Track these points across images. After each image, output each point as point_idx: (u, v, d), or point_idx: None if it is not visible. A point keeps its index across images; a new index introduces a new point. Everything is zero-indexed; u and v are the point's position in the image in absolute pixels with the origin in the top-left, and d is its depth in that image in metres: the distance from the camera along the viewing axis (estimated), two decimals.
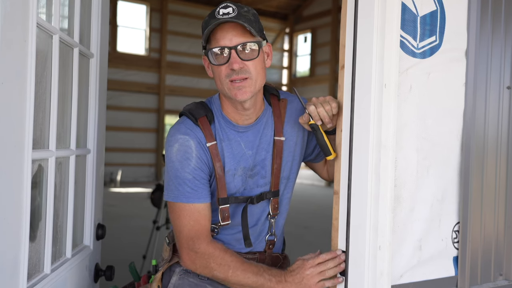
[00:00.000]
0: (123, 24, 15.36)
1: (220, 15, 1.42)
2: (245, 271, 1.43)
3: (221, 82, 1.45)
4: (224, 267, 1.44)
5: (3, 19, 1.10)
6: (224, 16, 1.41)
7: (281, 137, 1.58)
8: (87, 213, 1.83)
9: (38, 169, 1.41)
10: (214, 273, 1.45)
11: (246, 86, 1.43)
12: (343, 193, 1.37)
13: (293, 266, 1.45)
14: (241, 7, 1.45)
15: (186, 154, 1.47)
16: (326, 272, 1.40)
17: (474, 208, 1.47)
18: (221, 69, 1.44)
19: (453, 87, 1.44)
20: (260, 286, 1.43)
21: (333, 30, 16.26)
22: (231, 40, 1.42)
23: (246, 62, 1.42)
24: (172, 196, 1.48)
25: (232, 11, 1.42)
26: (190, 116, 1.52)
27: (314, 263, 1.42)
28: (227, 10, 1.42)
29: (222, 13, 1.42)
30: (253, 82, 1.45)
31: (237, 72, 1.42)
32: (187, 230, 1.47)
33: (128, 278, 1.88)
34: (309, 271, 1.41)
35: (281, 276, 1.44)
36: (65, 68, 1.59)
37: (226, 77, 1.43)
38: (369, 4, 1.30)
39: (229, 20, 1.40)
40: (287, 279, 1.43)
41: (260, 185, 1.57)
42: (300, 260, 1.46)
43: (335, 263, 1.39)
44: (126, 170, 15.09)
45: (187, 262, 1.48)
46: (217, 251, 1.45)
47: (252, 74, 1.44)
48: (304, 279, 1.41)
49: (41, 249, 1.44)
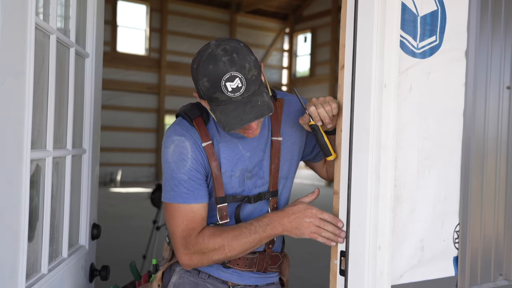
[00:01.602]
0: (123, 24, 15.37)
1: (230, 92, 1.32)
2: (238, 240, 1.44)
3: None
4: (219, 249, 1.44)
5: (2, 20, 1.09)
6: (235, 94, 1.32)
7: (278, 137, 1.58)
8: (83, 213, 1.83)
9: (35, 169, 1.41)
10: (214, 258, 1.46)
11: (257, 128, 1.45)
12: (343, 193, 1.37)
13: (294, 209, 1.45)
14: (243, 69, 1.33)
15: (181, 155, 1.47)
16: (323, 232, 1.40)
17: (474, 208, 1.47)
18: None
19: (453, 87, 1.44)
20: (259, 241, 1.45)
21: (333, 30, 16.27)
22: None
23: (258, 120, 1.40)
24: (168, 197, 1.49)
25: (241, 82, 1.32)
26: (185, 117, 1.52)
27: (317, 215, 1.42)
28: (235, 83, 1.32)
29: (231, 88, 1.32)
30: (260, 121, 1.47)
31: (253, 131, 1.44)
32: (181, 230, 1.47)
33: (128, 278, 1.88)
34: (309, 220, 1.42)
35: (275, 221, 1.44)
36: (62, 68, 1.58)
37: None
38: (369, 4, 1.30)
39: (251, 120, 1.34)
40: (283, 221, 1.44)
41: (258, 185, 1.57)
42: (302, 204, 1.46)
43: (334, 230, 1.39)
44: (126, 170, 15.11)
45: (185, 262, 1.48)
46: (206, 239, 1.45)
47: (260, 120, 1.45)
48: (301, 224, 1.42)
49: (38, 249, 1.44)
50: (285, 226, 1.44)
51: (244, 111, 1.33)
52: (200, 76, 1.35)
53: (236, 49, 1.35)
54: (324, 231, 1.40)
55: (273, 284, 1.63)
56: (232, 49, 1.35)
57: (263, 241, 1.46)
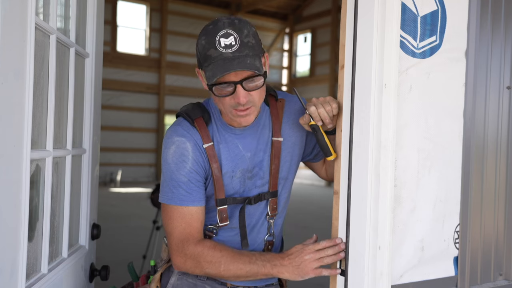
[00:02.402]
0: (123, 24, 15.37)
1: (222, 48, 1.34)
2: (236, 263, 1.43)
3: (224, 108, 1.43)
4: (215, 264, 1.44)
5: (2, 20, 1.09)
6: (227, 50, 1.34)
7: (279, 137, 1.58)
8: (83, 213, 1.83)
9: (35, 169, 1.41)
10: (206, 271, 1.45)
11: (250, 113, 1.43)
12: (343, 193, 1.37)
13: (291, 250, 1.45)
14: (241, 32, 1.36)
15: (182, 157, 1.47)
16: (325, 259, 1.39)
17: (474, 208, 1.47)
18: (225, 99, 1.40)
19: (453, 87, 1.44)
20: (255, 273, 1.43)
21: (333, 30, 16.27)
22: (236, 75, 1.36)
23: (251, 93, 1.39)
24: (166, 198, 1.48)
25: (235, 41, 1.34)
26: (186, 117, 1.51)
27: (314, 249, 1.41)
28: (229, 40, 1.34)
29: (224, 44, 1.34)
30: (257, 108, 1.45)
31: (243, 104, 1.39)
32: (178, 233, 1.46)
33: (128, 278, 1.88)
34: (308, 256, 1.41)
35: (276, 260, 1.43)
36: (62, 68, 1.58)
37: (230, 106, 1.41)
38: (369, 4, 1.29)
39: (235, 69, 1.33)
40: (283, 262, 1.42)
41: (258, 185, 1.57)
42: (299, 245, 1.45)
43: (334, 251, 1.38)
44: (126, 170, 15.11)
45: (178, 264, 1.48)
46: (205, 250, 1.45)
47: (256, 102, 1.42)
48: (302, 263, 1.41)
49: (38, 249, 1.44)
50: (286, 267, 1.42)
51: (232, 64, 1.34)
52: (200, 36, 1.40)
53: (239, 19, 1.40)
54: (325, 258, 1.39)
55: (272, 285, 1.63)
56: (236, 18, 1.40)
57: (259, 276, 1.44)
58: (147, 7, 15.82)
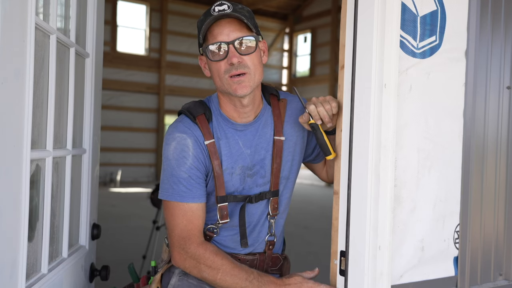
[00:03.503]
0: (123, 24, 15.36)
1: (216, 12, 1.44)
2: (234, 276, 1.43)
3: (220, 78, 1.46)
4: (214, 270, 1.44)
5: (2, 20, 1.09)
6: (220, 13, 1.43)
7: (281, 136, 1.58)
8: (83, 213, 1.83)
9: (35, 169, 1.41)
10: (203, 274, 1.45)
11: (245, 80, 1.45)
12: (343, 193, 1.37)
13: (290, 280, 1.44)
14: (235, 5, 1.47)
15: (183, 153, 1.47)
16: None
17: (474, 208, 1.47)
18: (220, 65, 1.45)
19: (453, 87, 1.44)
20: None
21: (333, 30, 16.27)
22: (228, 35, 1.44)
23: (244, 57, 1.44)
24: (167, 194, 1.49)
25: (228, 7, 1.44)
26: (188, 114, 1.52)
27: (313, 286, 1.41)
28: (223, 7, 1.44)
29: (218, 10, 1.44)
30: (252, 76, 1.46)
31: (236, 67, 1.43)
32: (179, 230, 1.47)
33: (128, 279, 1.88)
34: None
35: (273, 285, 1.42)
36: (62, 68, 1.58)
37: (225, 72, 1.44)
38: (369, 4, 1.30)
39: (225, 15, 1.43)
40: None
41: (259, 184, 1.57)
42: (299, 276, 1.45)
43: None
44: (126, 170, 15.10)
45: (178, 261, 1.48)
46: (207, 253, 1.45)
47: (250, 68, 1.46)
48: None
49: (38, 249, 1.44)
50: None
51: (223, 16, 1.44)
52: (201, 16, 1.49)
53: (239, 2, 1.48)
54: None
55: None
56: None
57: None
58: (147, 7, 15.81)
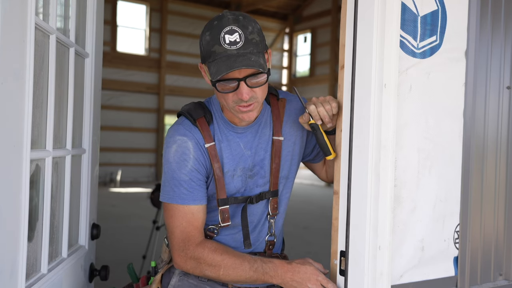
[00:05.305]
0: (123, 24, 15.36)
1: (227, 44, 1.34)
2: (236, 269, 1.43)
3: (227, 103, 1.43)
4: (215, 267, 1.44)
5: (2, 20, 1.09)
6: (232, 47, 1.34)
7: (279, 136, 1.58)
8: (82, 213, 1.83)
9: (35, 169, 1.41)
10: (206, 273, 1.46)
11: (253, 109, 1.43)
12: (343, 193, 1.37)
13: (301, 268, 1.44)
14: (245, 28, 1.36)
15: (183, 156, 1.47)
16: None
17: (474, 208, 1.47)
18: (228, 95, 1.40)
19: (453, 87, 1.44)
20: (254, 280, 1.44)
21: (333, 30, 16.26)
22: (239, 72, 1.36)
23: (254, 89, 1.40)
24: (168, 197, 1.48)
25: (239, 38, 1.34)
26: (188, 116, 1.51)
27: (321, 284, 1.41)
28: (234, 37, 1.34)
29: (229, 41, 1.34)
30: (259, 104, 1.45)
31: (246, 101, 1.39)
32: (179, 232, 1.47)
33: (127, 279, 1.88)
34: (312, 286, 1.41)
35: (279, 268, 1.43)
36: (62, 68, 1.58)
37: (233, 102, 1.41)
38: (369, 4, 1.29)
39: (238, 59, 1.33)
40: (286, 275, 1.42)
41: (260, 185, 1.57)
42: (311, 266, 1.44)
43: None
44: (126, 170, 15.09)
45: (178, 263, 1.48)
46: (206, 252, 1.45)
47: (258, 98, 1.42)
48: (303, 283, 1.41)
49: (38, 249, 1.44)
50: (285, 281, 1.43)
51: (236, 61, 1.34)
52: (204, 31, 1.40)
53: (244, 15, 1.40)
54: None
55: (273, 286, 1.63)
56: (241, 13, 1.40)
57: (258, 282, 1.46)
58: (147, 7, 15.81)
